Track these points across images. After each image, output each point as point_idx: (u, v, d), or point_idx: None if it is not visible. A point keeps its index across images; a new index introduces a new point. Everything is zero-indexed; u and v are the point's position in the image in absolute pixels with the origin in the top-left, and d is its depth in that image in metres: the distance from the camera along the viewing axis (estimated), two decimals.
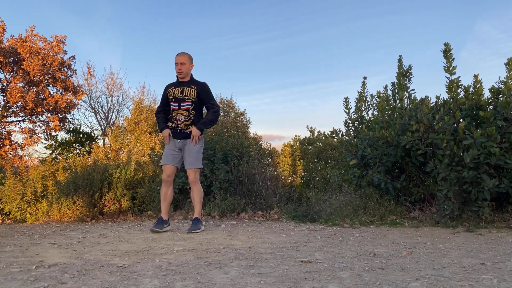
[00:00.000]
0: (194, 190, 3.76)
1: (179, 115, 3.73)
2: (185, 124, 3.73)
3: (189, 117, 3.73)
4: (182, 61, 3.72)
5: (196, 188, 3.76)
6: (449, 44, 3.96)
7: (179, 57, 3.73)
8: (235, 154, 5.31)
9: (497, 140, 3.44)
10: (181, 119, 3.72)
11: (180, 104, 3.71)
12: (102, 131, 13.29)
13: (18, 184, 5.15)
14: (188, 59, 3.77)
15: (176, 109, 3.74)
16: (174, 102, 3.74)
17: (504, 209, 3.79)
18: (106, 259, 2.47)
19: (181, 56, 3.73)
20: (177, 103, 3.73)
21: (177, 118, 3.74)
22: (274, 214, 4.72)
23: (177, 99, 3.73)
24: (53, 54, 10.60)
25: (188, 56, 3.79)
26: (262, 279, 1.94)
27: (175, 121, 3.76)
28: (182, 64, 3.71)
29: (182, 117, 3.72)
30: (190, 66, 3.79)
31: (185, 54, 3.78)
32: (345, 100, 4.99)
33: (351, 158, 4.52)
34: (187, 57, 3.77)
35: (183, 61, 3.72)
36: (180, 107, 3.71)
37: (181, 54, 3.76)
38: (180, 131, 3.74)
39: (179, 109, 3.72)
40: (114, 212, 5.12)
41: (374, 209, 4.28)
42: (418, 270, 2.08)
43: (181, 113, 3.72)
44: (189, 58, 3.80)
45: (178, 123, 3.74)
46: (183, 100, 3.71)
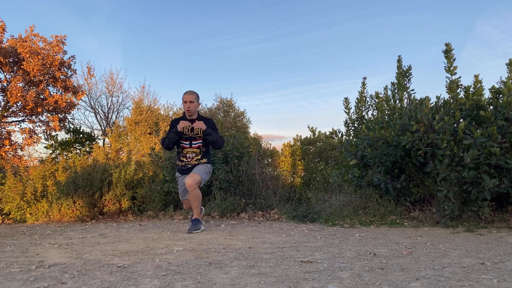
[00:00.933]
0: (190, 196, 3.73)
1: (190, 152, 3.81)
2: (195, 159, 3.81)
3: (200, 153, 3.82)
4: (191, 100, 3.79)
5: (193, 193, 3.72)
6: (450, 44, 3.96)
7: (188, 96, 3.80)
8: (235, 154, 5.31)
9: (498, 140, 3.44)
10: (192, 156, 3.80)
11: (192, 142, 3.80)
12: (102, 131, 13.29)
13: (18, 184, 5.16)
14: (196, 97, 3.86)
15: (187, 147, 3.81)
16: (185, 141, 3.81)
17: (504, 209, 3.79)
18: (106, 259, 2.47)
19: (190, 95, 3.80)
20: (188, 141, 3.80)
21: (187, 156, 3.81)
22: (274, 214, 4.72)
23: (188, 138, 3.80)
24: (53, 54, 10.59)
25: (196, 95, 3.88)
26: (262, 279, 1.94)
27: (184, 159, 3.82)
28: (191, 102, 3.79)
29: (193, 154, 3.81)
30: (197, 104, 3.89)
31: (194, 93, 3.85)
32: (345, 100, 5.00)
33: (351, 158, 4.52)
34: (195, 96, 3.85)
35: (192, 100, 3.79)
36: (192, 145, 3.80)
37: (190, 92, 3.83)
38: (191, 167, 3.79)
39: (191, 147, 3.80)
40: (114, 212, 5.12)
41: (374, 209, 4.28)
42: (418, 270, 2.08)
43: (193, 151, 3.81)
44: (197, 97, 3.89)
45: (188, 160, 3.81)
46: (195, 139, 3.80)
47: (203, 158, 3.82)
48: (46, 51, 10.47)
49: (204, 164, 3.83)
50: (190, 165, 3.80)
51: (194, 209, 3.78)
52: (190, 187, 3.69)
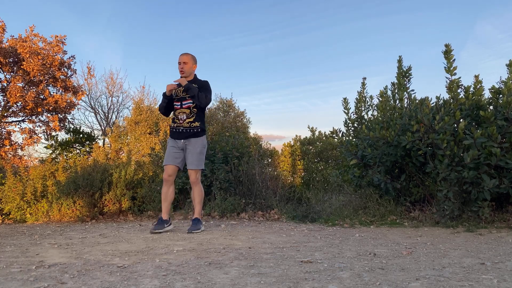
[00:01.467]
0: (194, 191, 3.78)
1: (181, 113, 3.77)
2: (187, 121, 3.74)
3: (191, 115, 3.75)
4: (184, 60, 3.77)
5: (196, 188, 3.77)
6: (450, 45, 3.96)
7: (182, 57, 3.79)
8: (235, 154, 5.31)
9: (498, 140, 3.44)
10: (183, 117, 3.75)
11: (182, 103, 3.76)
12: (102, 131, 13.29)
13: (18, 184, 5.15)
14: (191, 59, 3.82)
15: (178, 108, 3.79)
16: (177, 102, 3.79)
17: (504, 209, 3.79)
18: (106, 259, 2.47)
19: (184, 56, 3.80)
20: (179, 102, 3.78)
21: (179, 117, 3.78)
22: (274, 214, 4.72)
23: (179, 98, 3.78)
24: (53, 54, 10.60)
25: (191, 56, 3.84)
26: (262, 279, 1.94)
27: (177, 120, 3.79)
28: (184, 63, 3.77)
29: (184, 115, 3.75)
30: (193, 66, 3.85)
31: (188, 54, 3.84)
32: (344, 100, 4.99)
33: (351, 158, 4.52)
34: (190, 57, 3.82)
35: (185, 61, 3.77)
36: (182, 105, 3.76)
37: (184, 53, 3.82)
38: (183, 130, 3.75)
39: (181, 108, 3.77)
40: (114, 212, 5.12)
41: (374, 209, 4.28)
42: (418, 270, 2.08)
43: (183, 111, 3.76)
44: (192, 58, 3.85)
45: (180, 121, 3.76)
46: (185, 99, 3.76)
47: (196, 121, 3.73)
48: (46, 51, 10.47)
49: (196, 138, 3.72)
50: (182, 128, 3.73)
51: (196, 205, 3.76)
52: (193, 182, 3.69)
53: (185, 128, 3.74)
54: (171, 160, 3.75)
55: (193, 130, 3.74)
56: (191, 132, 3.74)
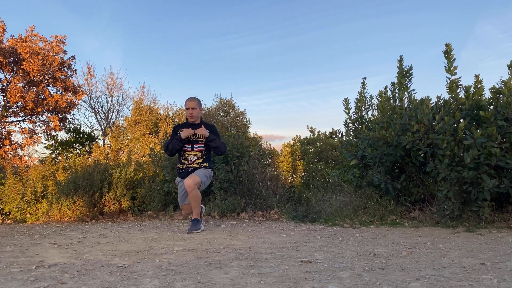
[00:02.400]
0: (190, 196, 3.78)
1: (192, 155, 3.90)
2: (197, 162, 3.90)
3: (201, 157, 3.92)
4: (193, 106, 3.90)
5: (192, 193, 3.76)
6: (450, 45, 3.96)
7: (191, 103, 3.92)
8: (235, 154, 5.31)
9: (498, 140, 3.44)
10: (193, 159, 3.89)
11: (194, 146, 3.91)
12: (102, 131, 13.29)
13: (18, 184, 5.15)
14: (198, 103, 3.97)
15: (189, 150, 3.90)
16: (187, 144, 3.91)
17: (504, 209, 3.79)
18: (106, 259, 2.47)
19: (192, 102, 3.92)
20: (190, 145, 3.91)
21: (189, 159, 3.90)
22: (274, 214, 4.72)
23: (191, 141, 3.91)
24: (53, 54, 10.60)
25: (198, 101, 3.99)
26: (262, 279, 1.94)
27: (185, 162, 3.90)
28: (193, 109, 3.90)
29: (195, 157, 3.90)
30: (200, 110, 4.01)
31: (196, 99, 3.97)
32: (345, 100, 4.99)
33: (351, 158, 4.52)
34: (197, 102, 3.96)
35: (194, 106, 3.91)
36: (194, 148, 3.91)
37: (192, 99, 3.95)
38: (192, 170, 3.86)
39: (192, 150, 3.90)
40: (114, 212, 5.12)
41: (374, 209, 4.27)
42: (418, 270, 2.08)
43: (195, 154, 3.90)
44: (199, 103, 4.00)
45: (190, 162, 3.89)
46: (197, 142, 3.91)
47: (205, 162, 3.91)
48: (46, 51, 10.47)
49: (205, 169, 3.90)
50: (191, 168, 3.87)
51: (194, 209, 3.80)
52: (190, 187, 3.72)
53: (194, 168, 3.88)
54: (186, 200, 3.90)
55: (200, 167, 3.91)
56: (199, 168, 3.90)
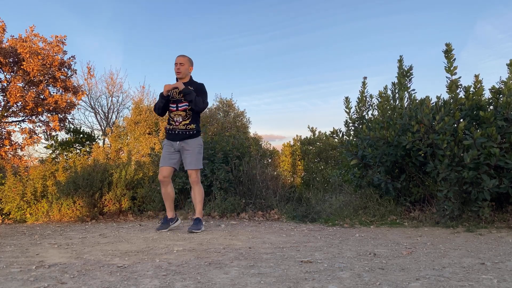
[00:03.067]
0: (195, 190, 3.83)
1: (177, 115, 3.79)
2: (183, 124, 3.78)
3: (187, 117, 3.79)
4: (181, 62, 3.80)
5: (197, 188, 3.82)
6: (451, 45, 3.96)
7: (179, 58, 3.82)
8: (235, 154, 5.31)
9: (497, 140, 3.44)
10: (179, 120, 3.78)
11: (178, 105, 3.78)
12: (102, 131, 13.30)
13: (18, 184, 5.15)
14: (187, 60, 3.86)
15: (174, 110, 3.81)
16: (172, 104, 3.81)
17: (504, 209, 3.79)
18: (106, 259, 2.47)
19: (180, 57, 3.82)
20: (175, 104, 3.80)
21: (175, 119, 3.80)
22: (274, 214, 4.72)
23: (175, 100, 3.80)
24: (53, 54, 10.59)
25: (188, 58, 3.88)
26: (262, 279, 1.94)
27: (173, 122, 3.81)
28: (181, 64, 3.80)
29: (180, 118, 3.78)
30: (189, 68, 3.88)
31: (185, 56, 3.87)
32: (346, 99, 4.99)
33: (352, 158, 4.52)
34: (186, 58, 3.86)
35: (182, 62, 3.80)
36: (178, 108, 3.79)
37: (181, 55, 3.85)
38: (179, 132, 3.78)
39: (177, 110, 3.79)
40: (114, 212, 5.12)
41: (374, 209, 4.27)
42: (418, 270, 2.08)
43: (179, 113, 3.79)
44: (189, 60, 3.88)
45: (176, 124, 3.79)
46: (181, 101, 3.78)
47: (192, 123, 3.78)
48: (46, 51, 10.47)
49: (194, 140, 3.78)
50: (178, 130, 3.76)
51: (197, 205, 3.81)
52: (194, 182, 3.76)
53: (181, 130, 3.78)
54: (167, 162, 3.80)
55: (188, 132, 3.78)
56: (187, 134, 3.78)
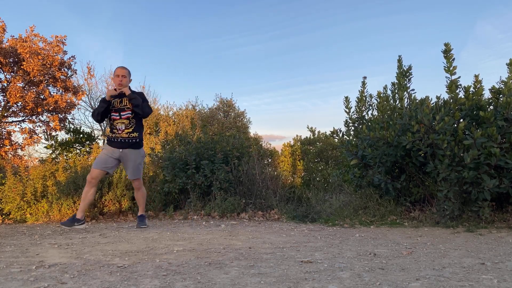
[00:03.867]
0: (139, 193, 4.16)
1: (120, 123, 3.91)
2: (126, 132, 3.91)
3: (130, 125, 3.92)
4: (123, 74, 3.92)
5: (141, 191, 4.16)
6: (449, 44, 3.96)
7: (121, 70, 3.94)
8: (235, 154, 5.31)
9: (498, 140, 3.44)
10: (122, 128, 3.90)
11: (121, 114, 3.90)
12: (102, 131, 13.29)
13: (18, 184, 5.15)
14: (128, 73, 3.99)
15: (117, 118, 3.91)
16: (115, 112, 3.91)
17: (504, 209, 3.79)
18: (106, 259, 2.47)
19: (122, 69, 3.95)
20: (117, 113, 3.91)
21: (117, 127, 3.91)
22: (274, 214, 4.72)
23: (118, 109, 3.91)
24: (53, 54, 10.60)
25: (128, 71, 4.02)
26: (262, 279, 1.94)
27: (115, 131, 3.91)
28: (123, 76, 3.91)
29: (123, 126, 3.90)
30: (129, 79, 4.01)
31: (126, 68, 4.00)
32: (346, 99, 4.99)
33: (352, 158, 4.52)
34: (127, 71, 3.99)
35: (124, 74, 3.92)
36: (121, 116, 3.91)
37: (123, 68, 3.97)
38: (121, 140, 3.90)
39: (120, 118, 3.91)
40: (114, 212, 5.11)
41: (374, 209, 4.27)
42: (418, 270, 2.08)
43: (122, 122, 3.91)
44: (129, 73, 4.02)
45: (119, 131, 3.90)
46: (123, 110, 3.90)
47: (134, 131, 3.92)
48: (46, 51, 10.47)
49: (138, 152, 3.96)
50: (121, 138, 3.88)
51: (142, 204, 4.17)
52: (138, 188, 4.11)
53: (123, 139, 3.90)
54: (101, 165, 3.89)
55: (131, 140, 3.92)
56: (130, 142, 3.92)
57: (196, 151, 5.31)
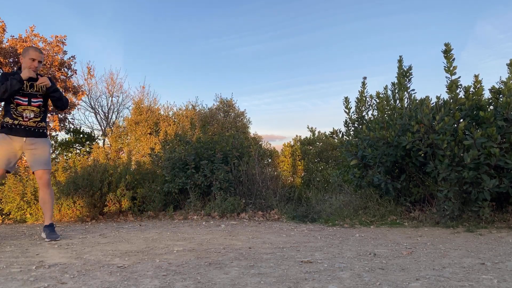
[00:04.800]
0: (48, 193, 3.42)
1: (28, 111, 3.38)
2: (34, 121, 3.41)
3: (40, 114, 3.46)
4: (40, 60, 3.45)
5: (49, 190, 3.44)
6: (450, 44, 3.96)
7: (39, 55, 3.44)
8: (235, 154, 5.30)
9: (497, 141, 3.44)
10: (30, 116, 3.38)
11: (31, 100, 3.40)
12: (102, 131, 13.30)
13: (18, 184, 5.16)
14: (43, 59, 3.56)
15: (24, 104, 3.37)
16: (23, 97, 3.36)
17: (504, 209, 3.79)
18: (106, 259, 2.47)
19: (40, 54, 3.47)
20: (26, 98, 3.37)
21: (23, 115, 3.36)
22: (274, 214, 4.72)
23: (28, 94, 3.38)
24: (53, 54, 10.60)
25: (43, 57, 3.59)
26: (262, 279, 1.94)
27: (20, 118, 3.35)
28: (39, 62, 3.45)
29: (32, 114, 3.39)
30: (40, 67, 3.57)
31: (42, 53, 3.55)
32: (345, 99, 4.99)
33: (351, 158, 4.52)
34: (43, 56, 3.54)
35: (40, 60, 3.46)
36: (31, 103, 3.40)
37: (40, 52, 3.49)
38: (26, 128, 3.37)
39: (30, 105, 3.39)
40: (114, 212, 5.12)
41: (374, 209, 4.27)
42: (418, 270, 2.08)
43: (32, 109, 3.40)
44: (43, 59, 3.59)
45: (25, 119, 3.36)
46: (35, 96, 3.41)
47: (42, 121, 3.46)
48: (46, 51, 10.47)
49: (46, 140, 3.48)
50: (26, 126, 3.36)
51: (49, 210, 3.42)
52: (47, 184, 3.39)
53: (30, 127, 3.39)
54: (4, 165, 3.30)
55: (39, 130, 3.45)
56: (37, 132, 3.43)
57: (195, 151, 5.31)
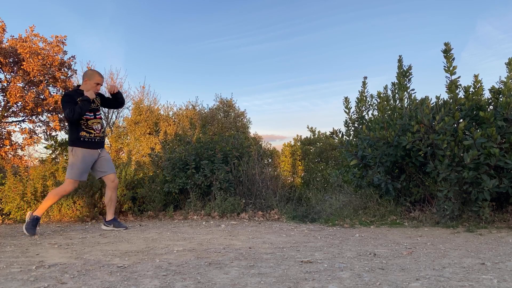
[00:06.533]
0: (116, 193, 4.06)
1: (96, 123, 3.92)
2: (102, 131, 3.97)
3: (102, 126, 4.03)
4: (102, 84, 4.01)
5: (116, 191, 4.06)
6: (449, 44, 3.96)
7: (103, 80, 4.02)
8: (235, 154, 5.30)
9: (497, 141, 3.44)
10: (99, 128, 3.93)
11: (96, 114, 3.94)
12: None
13: (18, 184, 5.15)
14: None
15: (92, 118, 3.89)
16: (90, 112, 3.87)
17: (504, 209, 3.79)
18: (106, 259, 2.47)
19: (103, 79, 4.02)
20: (92, 113, 3.90)
21: (94, 127, 3.89)
22: (274, 214, 4.72)
23: (92, 109, 3.90)
24: (53, 54, 10.59)
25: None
26: (262, 279, 1.94)
27: (92, 131, 3.87)
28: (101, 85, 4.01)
29: (99, 126, 3.95)
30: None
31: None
32: (345, 99, 4.99)
33: (351, 158, 4.52)
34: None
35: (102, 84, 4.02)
36: (96, 116, 3.94)
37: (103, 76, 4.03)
38: (99, 140, 3.93)
39: (95, 118, 3.92)
40: (114, 212, 5.11)
41: (374, 209, 4.28)
42: (418, 270, 2.08)
43: (98, 121, 3.94)
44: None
45: (96, 132, 3.90)
46: (98, 110, 3.97)
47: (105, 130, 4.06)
48: (46, 51, 10.46)
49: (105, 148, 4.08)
50: (99, 138, 3.91)
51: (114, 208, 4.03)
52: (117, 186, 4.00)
53: (101, 138, 3.96)
54: (81, 176, 3.81)
55: (104, 139, 4.04)
56: (104, 141, 4.04)
57: (195, 151, 5.31)
